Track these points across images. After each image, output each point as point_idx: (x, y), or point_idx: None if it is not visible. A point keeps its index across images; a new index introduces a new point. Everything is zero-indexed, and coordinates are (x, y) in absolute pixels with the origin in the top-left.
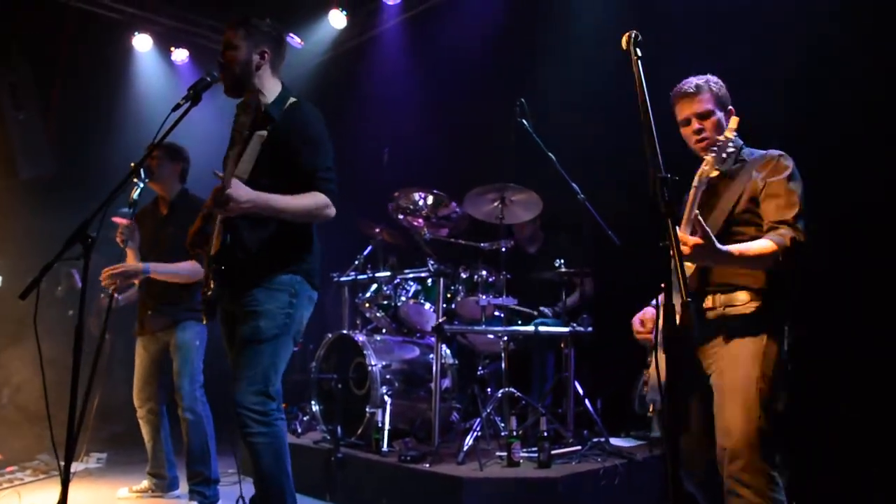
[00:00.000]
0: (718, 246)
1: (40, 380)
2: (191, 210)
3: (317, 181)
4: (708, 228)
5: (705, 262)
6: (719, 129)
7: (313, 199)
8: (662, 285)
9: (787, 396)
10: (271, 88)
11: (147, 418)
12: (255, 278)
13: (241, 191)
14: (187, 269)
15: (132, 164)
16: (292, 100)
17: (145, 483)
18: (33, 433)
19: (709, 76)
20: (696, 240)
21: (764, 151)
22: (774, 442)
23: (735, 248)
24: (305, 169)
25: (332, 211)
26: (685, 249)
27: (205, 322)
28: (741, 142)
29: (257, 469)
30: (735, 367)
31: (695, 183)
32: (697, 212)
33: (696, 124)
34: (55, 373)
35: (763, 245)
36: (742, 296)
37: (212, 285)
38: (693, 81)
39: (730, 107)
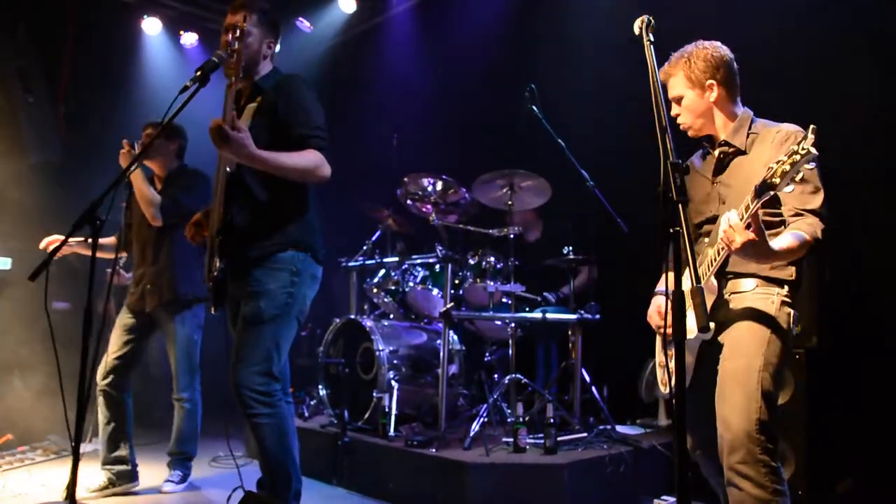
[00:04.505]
0: (771, 245)
1: (51, 360)
2: (187, 176)
3: (308, 140)
4: (762, 225)
5: (748, 258)
6: (696, 108)
7: (307, 157)
8: (671, 272)
9: (795, 384)
10: (265, 72)
11: (115, 396)
12: (255, 257)
13: (244, 135)
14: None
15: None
16: (281, 75)
17: (104, 479)
18: (44, 414)
19: (693, 46)
20: (750, 235)
21: (777, 124)
22: (775, 433)
23: (780, 245)
24: (297, 132)
25: (327, 170)
26: (734, 244)
27: (213, 311)
28: (751, 112)
29: (262, 450)
30: (737, 356)
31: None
32: (752, 207)
33: (674, 108)
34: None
35: (800, 239)
36: (748, 282)
37: (217, 263)
38: (672, 57)
39: (710, 81)
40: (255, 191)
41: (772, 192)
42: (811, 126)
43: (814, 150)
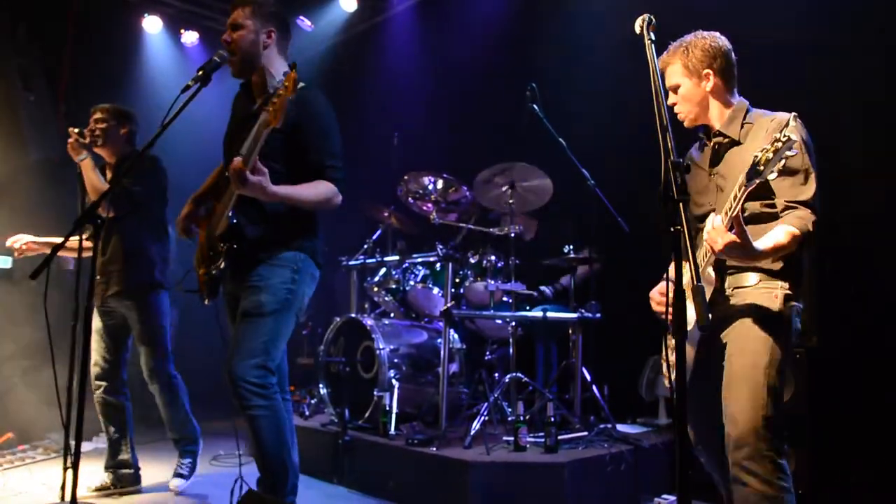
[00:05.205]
0: (755, 245)
1: (49, 359)
2: (140, 161)
3: (325, 170)
4: (744, 226)
5: (733, 259)
6: (693, 97)
7: (321, 189)
8: (672, 268)
9: (796, 383)
10: (279, 69)
11: (112, 402)
12: (259, 257)
13: (263, 178)
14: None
15: None
16: (301, 83)
17: (106, 480)
18: (44, 412)
19: (692, 36)
20: (732, 237)
21: (772, 113)
22: (781, 429)
23: (766, 244)
24: (314, 158)
25: (339, 199)
26: (717, 246)
27: (206, 302)
28: (746, 102)
29: (258, 443)
30: (742, 353)
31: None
32: (736, 207)
33: (671, 97)
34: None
35: (789, 233)
36: (751, 277)
37: (220, 264)
38: (670, 46)
39: (707, 71)
40: (263, 201)
41: (757, 181)
42: (792, 113)
43: (794, 137)
